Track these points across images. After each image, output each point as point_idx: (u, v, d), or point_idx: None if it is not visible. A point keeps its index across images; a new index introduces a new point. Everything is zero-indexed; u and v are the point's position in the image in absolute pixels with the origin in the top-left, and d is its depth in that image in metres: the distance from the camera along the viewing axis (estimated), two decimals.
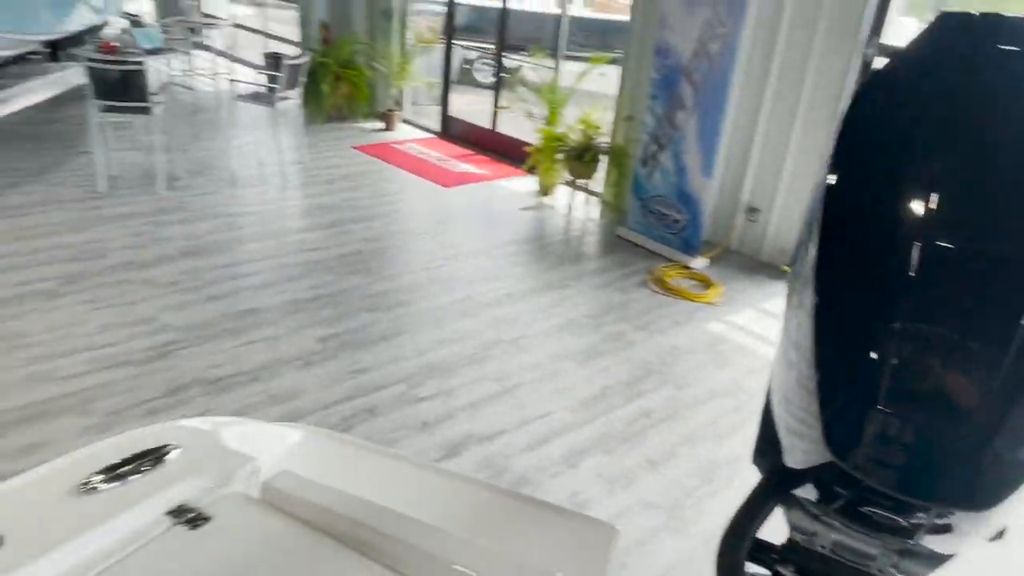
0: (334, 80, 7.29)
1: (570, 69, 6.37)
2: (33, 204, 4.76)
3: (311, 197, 5.57)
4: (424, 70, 7.82)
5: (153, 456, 1.02)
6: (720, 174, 4.98)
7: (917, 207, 0.89)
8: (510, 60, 7.04)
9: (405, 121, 7.76)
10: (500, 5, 6.90)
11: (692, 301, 4.34)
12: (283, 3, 9.32)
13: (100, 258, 4.15)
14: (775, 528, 1.11)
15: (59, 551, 0.85)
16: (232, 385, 3.10)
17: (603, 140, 5.62)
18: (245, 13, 9.97)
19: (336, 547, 0.93)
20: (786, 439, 1.11)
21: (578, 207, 5.82)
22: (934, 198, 0.88)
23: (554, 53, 6.47)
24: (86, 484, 0.95)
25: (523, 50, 7.86)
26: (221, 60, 7.99)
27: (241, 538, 0.94)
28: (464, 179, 6.34)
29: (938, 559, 1.18)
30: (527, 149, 5.95)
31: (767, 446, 1.23)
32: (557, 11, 6.51)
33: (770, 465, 1.20)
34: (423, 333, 3.70)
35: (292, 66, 5.71)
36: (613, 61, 5.82)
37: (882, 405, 0.86)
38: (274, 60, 6.73)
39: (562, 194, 5.96)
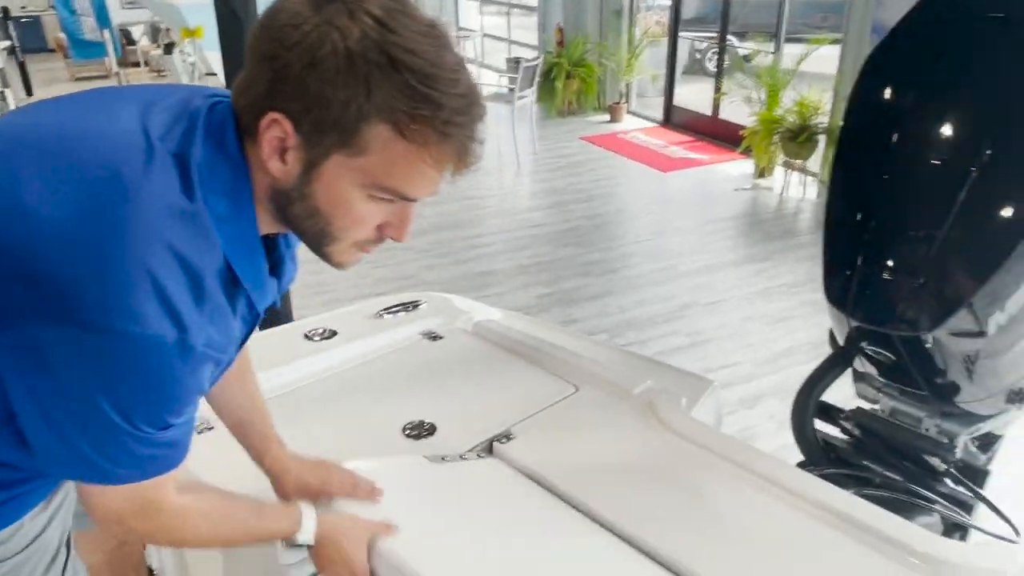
0: (566, 78, 8.03)
1: (794, 52, 6.47)
2: None
3: (540, 182, 6.33)
4: (653, 63, 8.27)
5: (412, 304, 1.71)
6: None
7: (896, 139, 1.29)
8: (738, 48, 7.24)
9: (631, 112, 8.28)
10: None
11: None
12: (526, 10, 10.30)
13: None
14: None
15: (364, 341, 1.56)
16: None
17: (821, 121, 5.70)
18: (493, 23, 11.14)
19: (512, 357, 1.54)
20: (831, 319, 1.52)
21: (794, 187, 5.94)
22: (904, 129, 1.28)
23: (776, 36, 6.60)
24: (379, 313, 1.66)
25: (747, 36, 8.00)
26: (471, 67, 9.14)
27: (458, 349, 1.60)
28: (682, 164, 6.72)
29: (972, 418, 1.52)
30: (742, 132, 6.19)
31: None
32: None
33: (833, 345, 1.62)
34: (627, 295, 4.23)
35: (528, 68, 6.51)
36: (834, 42, 5.85)
37: (857, 263, 1.28)
38: (515, 64, 7.62)
39: (779, 175, 6.12)
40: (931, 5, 1.31)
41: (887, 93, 1.35)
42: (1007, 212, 1.21)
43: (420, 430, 1.30)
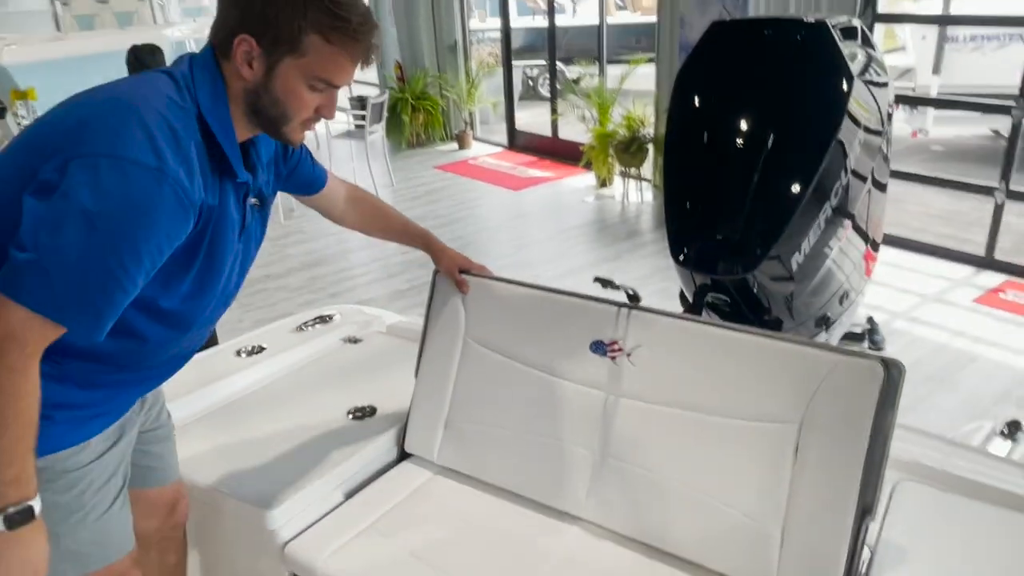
0: (412, 111, 8.34)
1: (617, 73, 7.14)
2: None
3: (403, 211, 6.54)
4: (491, 91, 8.75)
5: (327, 317, 1.91)
6: None
7: (706, 135, 1.67)
8: (567, 72, 7.87)
9: (477, 139, 8.71)
10: (547, 24, 7.76)
11: None
12: None
13: None
14: None
15: (293, 351, 1.74)
16: None
17: (647, 131, 6.35)
18: None
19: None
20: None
21: (632, 193, 6.55)
22: (711, 129, 1.66)
23: (599, 59, 7.25)
24: (300, 328, 1.85)
25: (573, 61, 8.69)
26: None
27: (378, 347, 1.82)
28: (532, 182, 7.19)
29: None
30: (582, 148, 6.74)
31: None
32: (597, 21, 7.29)
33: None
34: None
35: (376, 104, 6.75)
36: (650, 60, 6.55)
37: (692, 232, 1.64)
38: (359, 101, 7.83)
39: (618, 184, 6.71)
40: (717, 29, 1.71)
41: (694, 101, 1.74)
42: (790, 182, 1.62)
43: (363, 412, 1.51)
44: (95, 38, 6.96)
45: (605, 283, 1.50)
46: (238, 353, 1.75)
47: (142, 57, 2.42)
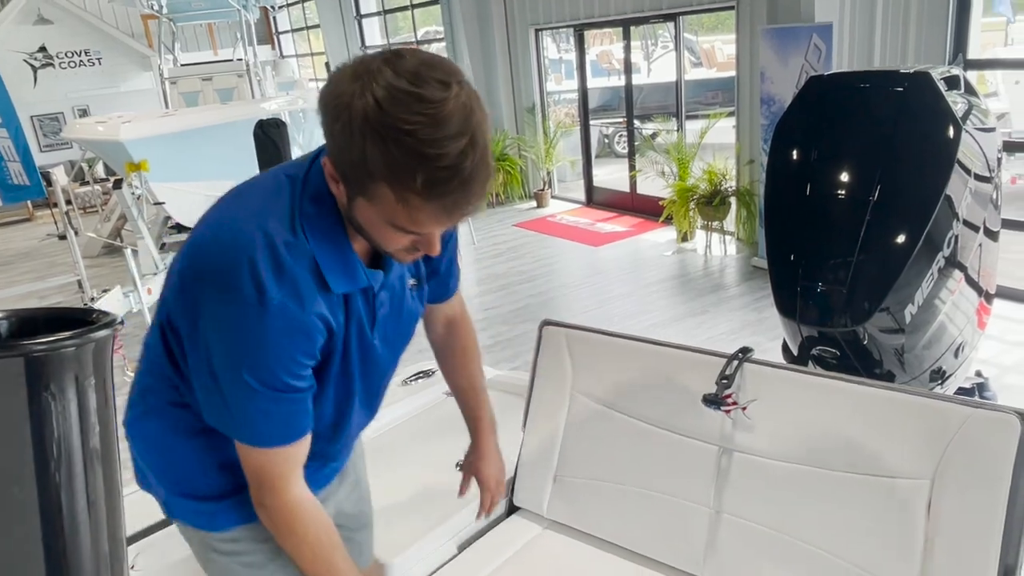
0: None
1: (694, 128, 7.16)
2: None
3: (484, 268, 6.70)
4: (568, 150, 8.92)
5: (429, 371, 1.97)
6: None
7: (809, 187, 1.67)
8: (643, 129, 7.97)
9: (555, 197, 8.85)
10: (623, 83, 7.90)
11: None
12: None
13: None
14: None
15: (400, 404, 1.80)
16: None
17: (729, 184, 6.32)
18: None
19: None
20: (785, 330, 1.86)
21: (715, 246, 6.49)
22: (813, 181, 1.66)
23: (677, 115, 7.31)
24: (405, 382, 1.91)
25: (650, 118, 8.78)
26: None
27: None
28: (611, 238, 7.22)
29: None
30: (662, 203, 6.75)
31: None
32: (674, 78, 7.37)
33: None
34: None
35: None
36: (730, 114, 6.56)
37: (799, 283, 1.62)
38: None
39: (699, 237, 6.67)
40: (814, 82, 1.72)
41: (794, 153, 1.75)
42: (900, 232, 1.59)
43: None
44: (200, 113, 7.47)
45: None
46: None
47: (268, 131, 2.63)
